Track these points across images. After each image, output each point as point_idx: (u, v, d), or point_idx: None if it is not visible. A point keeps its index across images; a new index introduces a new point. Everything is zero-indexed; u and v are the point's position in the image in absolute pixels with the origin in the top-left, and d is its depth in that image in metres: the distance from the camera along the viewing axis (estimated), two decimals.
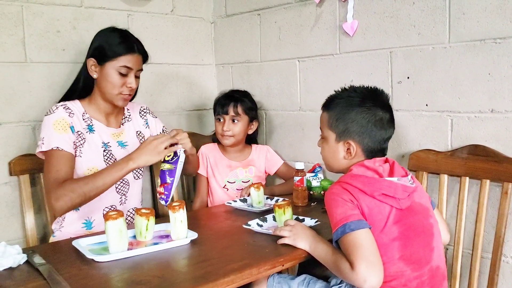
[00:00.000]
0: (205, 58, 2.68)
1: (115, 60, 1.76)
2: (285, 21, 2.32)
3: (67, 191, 1.62)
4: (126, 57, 1.77)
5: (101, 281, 1.22)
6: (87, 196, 1.63)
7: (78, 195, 1.62)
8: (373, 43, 1.98)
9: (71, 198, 1.62)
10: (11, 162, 1.94)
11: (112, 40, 1.79)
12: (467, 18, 1.70)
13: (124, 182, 1.88)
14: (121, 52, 1.76)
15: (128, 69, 1.78)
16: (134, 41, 1.82)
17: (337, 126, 1.44)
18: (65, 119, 1.75)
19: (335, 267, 1.30)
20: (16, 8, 1.98)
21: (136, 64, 1.81)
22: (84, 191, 1.62)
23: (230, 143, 2.21)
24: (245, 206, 1.92)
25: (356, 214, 1.29)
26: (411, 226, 1.34)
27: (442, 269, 1.39)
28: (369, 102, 1.43)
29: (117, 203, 1.87)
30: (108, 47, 1.77)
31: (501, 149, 1.66)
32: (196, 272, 1.28)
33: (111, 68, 1.77)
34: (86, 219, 1.82)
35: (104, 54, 1.77)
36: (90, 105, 1.86)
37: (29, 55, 2.02)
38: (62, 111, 1.77)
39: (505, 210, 1.62)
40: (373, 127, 1.41)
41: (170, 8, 2.49)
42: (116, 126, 1.92)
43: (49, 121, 1.74)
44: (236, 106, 2.19)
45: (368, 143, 1.42)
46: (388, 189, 1.33)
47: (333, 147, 1.46)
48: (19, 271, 1.28)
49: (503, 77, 1.64)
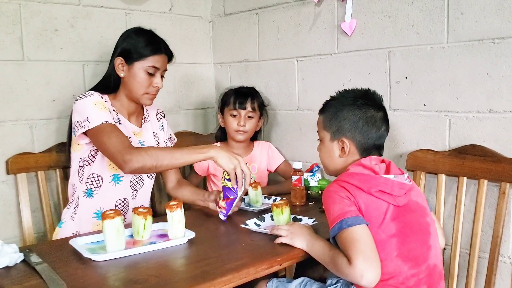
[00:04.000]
0: (203, 57, 2.68)
1: (144, 60, 1.81)
2: (283, 20, 2.32)
3: (143, 152, 1.62)
4: (154, 57, 1.82)
5: (98, 280, 1.22)
6: (159, 163, 1.62)
7: (153, 159, 1.61)
8: (372, 43, 1.98)
9: (145, 159, 1.60)
10: (8, 161, 1.93)
11: (140, 40, 1.83)
12: (465, 18, 1.70)
13: (140, 178, 1.90)
14: (149, 52, 1.81)
15: (156, 69, 1.83)
16: (161, 42, 1.87)
17: (331, 126, 1.48)
18: (102, 102, 1.77)
19: (333, 264, 1.31)
20: (14, 6, 1.97)
21: (163, 65, 1.86)
22: (159, 157, 1.62)
23: (243, 138, 2.21)
24: (243, 205, 1.91)
25: (353, 211, 1.30)
26: (408, 224, 1.35)
27: (439, 268, 1.40)
28: (360, 100, 1.47)
29: (129, 197, 1.89)
30: (136, 47, 1.82)
31: (499, 149, 1.66)
32: (193, 271, 1.27)
33: (139, 68, 1.81)
34: (98, 209, 1.83)
35: (132, 54, 1.81)
36: (115, 101, 1.88)
37: (26, 54, 2.02)
38: (98, 96, 1.78)
39: (503, 210, 1.62)
40: (364, 124, 1.44)
41: (168, 6, 2.49)
42: (137, 125, 1.94)
43: (89, 102, 1.74)
44: (253, 102, 2.20)
45: (360, 140, 1.44)
46: (384, 185, 1.34)
47: (328, 146, 1.50)
48: (15, 270, 1.28)
49: (501, 77, 1.64)
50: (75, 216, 1.83)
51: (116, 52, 1.85)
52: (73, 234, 1.77)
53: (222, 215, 1.71)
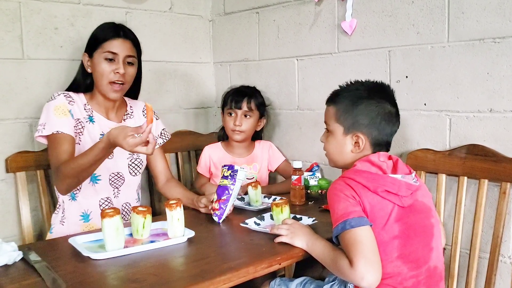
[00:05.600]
0: (203, 56, 2.67)
1: (100, 47, 1.78)
2: (283, 20, 2.31)
3: (62, 172, 1.64)
4: (111, 42, 1.77)
5: (97, 279, 1.21)
6: (78, 176, 1.63)
7: (71, 174, 1.62)
8: (372, 42, 1.98)
9: (65, 180, 1.64)
10: (7, 159, 1.93)
11: (99, 30, 1.83)
12: (466, 18, 1.70)
13: (119, 176, 1.88)
14: (105, 38, 1.78)
15: (114, 54, 1.77)
16: (121, 28, 1.82)
17: (345, 119, 1.42)
18: (65, 105, 1.78)
19: (333, 264, 1.30)
20: (14, 5, 1.97)
21: (123, 49, 1.79)
22: (75, 170, 1.61)
23: (240, 138, 2.21)
24: (242, 205, 1.91)
25: (357, 211, 1.28)
26: (412, 225, 1.33)
27: (440, 270, 1.39)
28: (377, 95, 1.43)
29: (111, 195, 1.88)
30: (95, 37, 1.81)
31: (499, 148, 1.66)
32: (192, 270, 1.27)
33: (98, 57, 1.78)
34: (83, 212, 1.83)
35: (92, 45, 1.80)
36: (92, 100, 1.87)
37: (26, 52, 2.02)
38: (63, 98, 1.79)
39: (503, 210, 1.61)
40: (382, 120, 1.40)
41: (168, 5, 2.48)
42: (117, 121, 1.92)
43: (50, 106, 1.76)
44: (250, 101, 2.19)
45: (376, 136, 1.41)
46: (391, 186, 1.32)
47: (340, 140, 1.44)
48: (14, 268, 1.28)
49: (502, 76, 1.64)
50: (64, 221, 1.84)
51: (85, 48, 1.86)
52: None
53: (215, 216, 1.69)
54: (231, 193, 1.68)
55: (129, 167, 1.90)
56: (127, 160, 1.90)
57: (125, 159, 1.90)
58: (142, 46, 1.91)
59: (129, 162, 1.91)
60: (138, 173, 1.95)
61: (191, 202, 1.85)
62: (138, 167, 1.94)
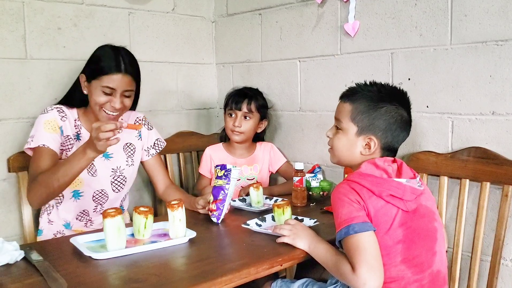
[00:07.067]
0: (206, 57, 2.68)
1: (99, 79, 1.71)
2: (286, 21, 2.31)
3: (35, 186, 1.64)
4: (110, 77, 1.70)
5: (98, 279, 1.21)
6: (51, 190, 1.61)
7: (44, 188, 1.61)
8: (374, 44, 1.98)
9: (37, 193, 1.64)
10: (9, 159, 1.93)
11: (100, 58, 1.75)
12: (469, 20, 1.70)
13: (103, 193, 1.89)
14: (105, 71, 1.71)
15: (111, 89, 1.72)
16: (123, 61, 1.74)
17: (361, 120, 1.39)
18: (56, 120, 1.77)
19: (335, 269, 1.30)
20: (17, 4, 1.97)
21: (122, 85, 1.73)
22: (48, 184, 1.60)
23: (240, 139, 2.21)
24: (244, 206, 1.91)
25: (361, 216, 1.27)
26: (415, 230, 1.33)
27: (443, 274, 1.38)
28: (397, 101, 1.41)
29: (90, 209, 1.89)
30: (95, 65, 1.74)
31: (501, 151, 1.65)
32: (194, 271, 1.27)
33: (96, 87, 1.72)
34: (64, 223, 1.87)
35: (91, 72, 1.75)
36: (84, 115, 1.86)
37: (29, 52, 2.02)
38: (56, 113, 1.79)
39: (505, 212, 1.61)
40: (398, 127, 1.39)
41: (171, 6, 2.49)
42: None
43: (40, 120, 1.77)
44: (250, 103, 2.20)
45: (388, 142, 1.40)
46: (396, 190, 1.31)
47: (351, 140, 1.41)
48: (16, 268, 1.28)
49: (505, 79, 1.63)
50: (53, 220, 1.86)
51: (84, 68, 1.81)
52: (54, 235, 1.84)
53: (214, 217, 1.69)
54: (227, 193, 1.68)
55: (111, 184, 1.90)
56: (109, 177, 1.89)
57: (108, 176, 1.89)
58: (145, 47, 1.92)
59: (112, 179, 1.90)
60: (121, 189, 1.94)
61: (189, 204, 1.83)
62: (121, 183, 1.93)
